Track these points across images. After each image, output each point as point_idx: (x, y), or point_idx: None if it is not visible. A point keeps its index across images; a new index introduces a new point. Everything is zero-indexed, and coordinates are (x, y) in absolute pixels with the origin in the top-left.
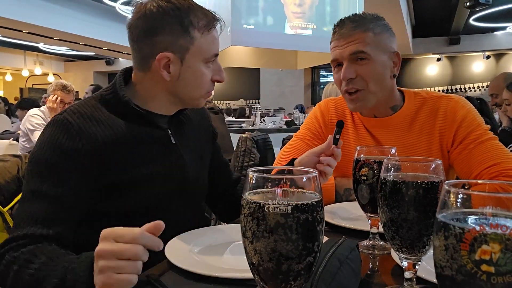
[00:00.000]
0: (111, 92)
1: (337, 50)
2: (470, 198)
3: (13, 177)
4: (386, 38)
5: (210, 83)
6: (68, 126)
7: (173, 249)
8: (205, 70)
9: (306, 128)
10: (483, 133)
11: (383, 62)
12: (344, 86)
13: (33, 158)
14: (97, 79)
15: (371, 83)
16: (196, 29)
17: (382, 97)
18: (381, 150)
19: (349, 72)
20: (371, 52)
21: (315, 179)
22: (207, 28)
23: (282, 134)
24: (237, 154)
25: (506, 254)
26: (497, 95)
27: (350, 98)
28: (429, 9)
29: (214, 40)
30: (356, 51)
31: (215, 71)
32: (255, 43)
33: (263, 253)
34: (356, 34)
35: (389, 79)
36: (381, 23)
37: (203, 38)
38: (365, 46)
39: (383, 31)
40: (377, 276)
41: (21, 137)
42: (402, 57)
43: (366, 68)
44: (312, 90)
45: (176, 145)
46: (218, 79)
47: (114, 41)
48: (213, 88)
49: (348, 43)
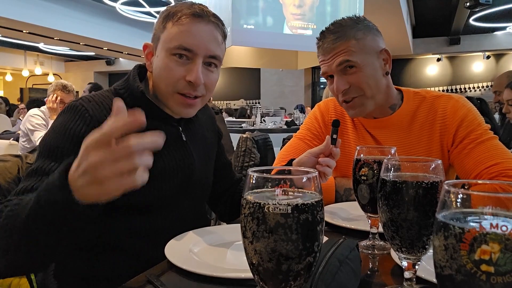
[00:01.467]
0: (124, 86)
1: (325, 64)
2: (470, 198)
3: (14, 177)
4: (370, 40)
5: (183, 82)
6: (84, 112)
7: (173, 249)
8: (169, 62)
9: (306, 128)
10: (483, 132)
11: (372, 64)
12: (341, 97)
13: (44, 142)
14: (97, 79)
15: (366, 89)
16: (171, 21)
17: (380, 98)
18: (381, 150)
19: (341, 84)
20: (357, 59)
21: (315, 179)
22: (180, 19)
23: (282, 134)
24: (237, 154)
25: (505, 254)
26: (500, 93)
27: (348, 106)
28: (429, 9)
29: (184, 32)
30: (343, 61)
31: (188, 70)
32: (255, 43)
33: (263, 253)
34: (339, 46)
35: (382, 78)
36: (362, 26)
37: (172, 28)
38: (350, 55)
39: (366, 34)
40: (377, 276)
41: (21, 137)
42: (402, 57)
43: (357, 76)
44: (312, 90)
45: (186, 143)
46: (188, 78)
47: (114, 41)
48: (192, 91)
49: (333, 56)
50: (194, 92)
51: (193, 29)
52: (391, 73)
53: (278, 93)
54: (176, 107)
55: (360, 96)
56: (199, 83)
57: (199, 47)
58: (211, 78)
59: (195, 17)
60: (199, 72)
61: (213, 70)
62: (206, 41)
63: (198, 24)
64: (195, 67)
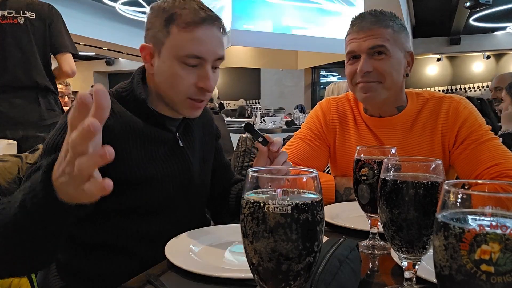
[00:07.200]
0: (127, 90)
1: (355, 42)
2: (470, 198)
3: (14, 177)
4: (403, 37)
5: (194, 89)
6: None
7: (173, 249)
8: (179, 70)
9: (307, 127)
10: (484, 133)
11: (399, 59)
12: (359, 78)
13: (47, 141)
14: (97, 79)
15: (387, 78)
16: (175, 25)
17: (393, 95)
18: (381, 150)
19: (367, 65)
20: (390, 48)
21: (315, 179)
22: (187, 26)
23: (282, 134)
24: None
25: (505, 254)
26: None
27: (361, 87)
28: (429, 9)
29: (194, 41)
30: (376, 45)
31: (199, 77)
32: (255, 43)
33: (263, 253)
34: (377, 29)
35: (402, 77)
36: (399, 22)
37: (179, 34)
38: (385, 41)
39: (401, 30)
40: (377, 276)
41: None
42: None
43: (383, 63)
44: (312, 90)
45: (184, 148)
46: (201, 85)
47: (114, 41)
48: (203, 97)
49: (367, 37)
50: (204, 97)
51: (202, 36)
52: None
53: (278, 93)
54: (185, 110)
55: (378, 82)
56: (211, 90)
57: (209, 54)
58: (215, 78)
59: (201, 22)
60: (210, 78)
61: (216, 71)
62: (214, 46)
63: (205, 30)
64: (206, 73)
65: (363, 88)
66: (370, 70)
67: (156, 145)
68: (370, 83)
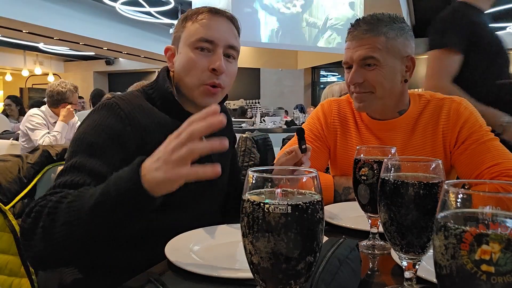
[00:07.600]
0: (152, 87)
1: (349, 52)
2: (470, 198)
3: (14, 177)
4: (399, 42)
5: (208, 73)
6: (118, 110)
7: (173, 249)
8: (192, 55)
9: (307, 128)
10: (484, 134)
11: (393, 67)
12: (352, 89)
13: (78, 139)
14: (97, 79)
15: (378, 89)
16: (190, 20)
17: (390, 102)
18: (381, 150)
19: (356, 77)
20: (380, 58)
21: (315, 179)
22: (200, 18)
23: (282, 134)
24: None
25: (506, 254)
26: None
27: (355, 97)
28: (429, 9)
29: (205, 26)
30: (365, 56)
31: (211, 61)
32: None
33: (263, 253)
34: (368, 38)
35: (399, 84)
36: (397, 26)
37: (193, 25)
38: (375, 51)
39: (398, 35)
40: (377, 276)
41: (21, 137)
42: None
43: (374, 73)
44: (312, 90)
45: None
46: (212, 67)
47: (114, 41)
48: (215, 79)
49: (358, 47)
50: (217, 80)
51: (212, 23)
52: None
53: (277, 93)
54: (200, 97)
55: (370, 93)
56: (222, 70)
57: (219, 39)
58: (231, 69)
59: (213, 13)
60: (221, 60)
61: (232, 62)
62: (224, 33)
63: (216, 19)
64: (217, 56)
65: (357, 98)
66: (360, 81)
67: None
68: (362, 94)
